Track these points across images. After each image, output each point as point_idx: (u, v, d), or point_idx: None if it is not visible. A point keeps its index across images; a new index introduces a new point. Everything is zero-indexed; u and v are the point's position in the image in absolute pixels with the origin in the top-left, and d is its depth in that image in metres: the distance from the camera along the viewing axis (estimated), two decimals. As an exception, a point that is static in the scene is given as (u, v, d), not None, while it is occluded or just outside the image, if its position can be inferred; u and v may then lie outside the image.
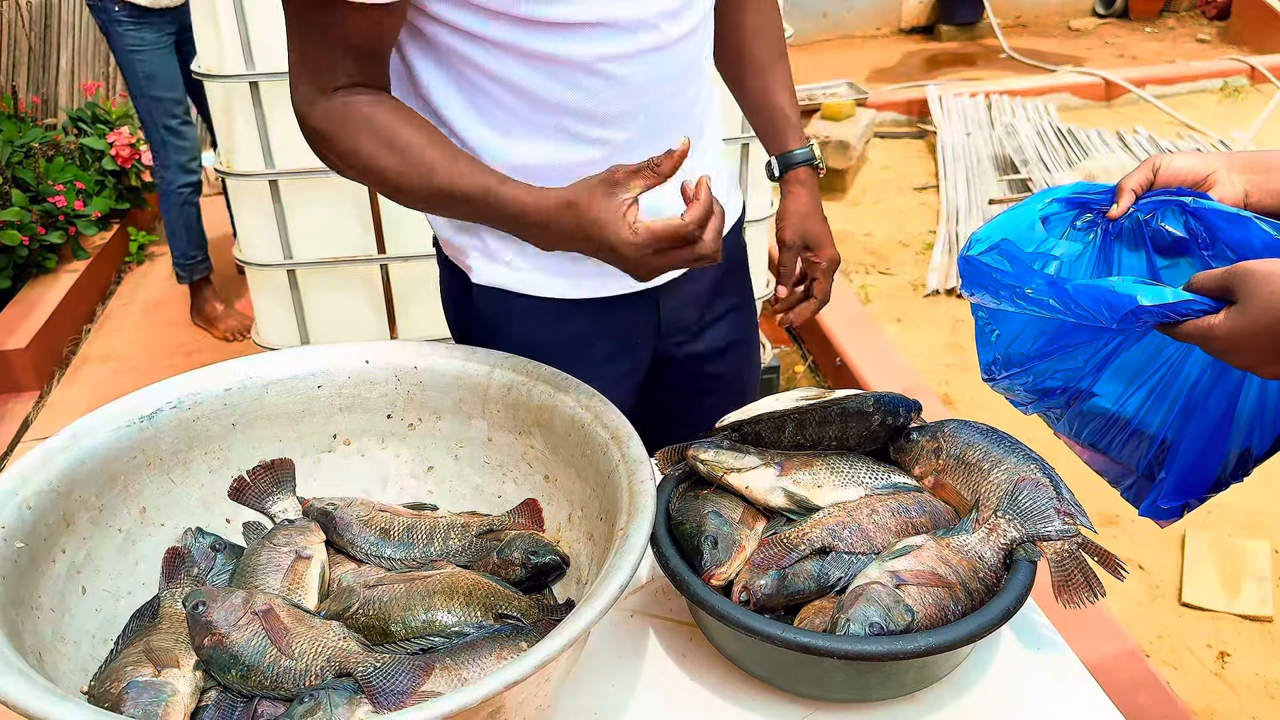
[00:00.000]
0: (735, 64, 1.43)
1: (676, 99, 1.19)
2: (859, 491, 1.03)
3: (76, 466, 0.98)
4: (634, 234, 0.95)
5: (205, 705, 0.88)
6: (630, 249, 0.96)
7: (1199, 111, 5.47)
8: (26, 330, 3.47)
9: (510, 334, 1.27)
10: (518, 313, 1.27)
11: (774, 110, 1.42)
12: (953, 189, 4.53)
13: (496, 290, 1.26)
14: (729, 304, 1.43)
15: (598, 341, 1.30)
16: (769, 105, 1.43)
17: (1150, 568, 2.45)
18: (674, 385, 1.44)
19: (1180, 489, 1.09)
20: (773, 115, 1.43)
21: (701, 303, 1.37)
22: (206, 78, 2.34)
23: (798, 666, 0.92)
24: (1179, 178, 1.02)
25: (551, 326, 1.27)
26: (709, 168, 1.30)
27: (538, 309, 1.26)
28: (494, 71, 1.09)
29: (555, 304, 1.26)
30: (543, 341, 1.25)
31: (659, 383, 1.42)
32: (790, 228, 1.42)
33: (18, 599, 0.86)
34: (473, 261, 1.25)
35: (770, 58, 1.43)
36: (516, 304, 1.26)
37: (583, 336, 1.29)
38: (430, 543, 1.06)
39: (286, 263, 2.51)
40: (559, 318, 1.27)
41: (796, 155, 1.42)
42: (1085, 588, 0.95)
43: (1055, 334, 1.11)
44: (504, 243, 1.22)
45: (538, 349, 1.23)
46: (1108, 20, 7.71)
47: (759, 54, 1.42)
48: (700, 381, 1.45)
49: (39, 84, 5.22)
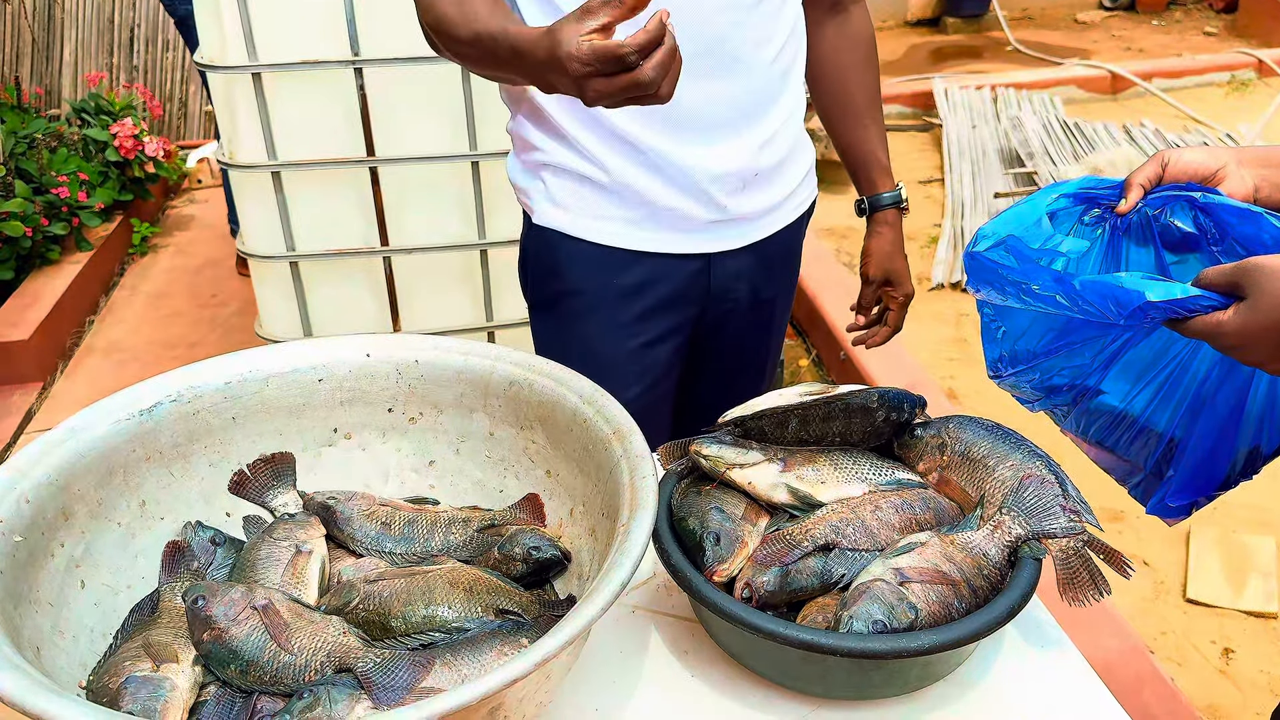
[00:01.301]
0: (832, 105, 1.52)
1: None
2: (862, 488, 1.02)
3: (75, 460, 0.97)
4: (578, 48, 0.93)
5: (204, 700, 0.88)
6: (573, 62, 0.93)
7: (1206, 105, 5.45)
8: (30, 321, 3.47)
9: (563, 276, 1.35)
10: (572, 257, 1.33)
11: (868, 156, 1.52)
12: (958, 182, 4.52)
13: (554, 232, 1.32)
14: (776, 289, 1.48)
15: (646, 293, 1.35)
16: (864, 151, 1.52)
17: (1155, 564, 2.44)
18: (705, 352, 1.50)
19: (1189, 487, 1.08)
20: (866, 160, 1.52)
21: (752, 280, 1.42)
22: (208, 69, 2.33)
23: (800, 664, 0.91)
24: (1188, 172, 1.02)
25: (603, 273, 1.33)
26: (789, 132, 1.38)
27: (592, 255, 1.32)
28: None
29: (609, 251, 1.32)
30: (594, 287, 1.34)
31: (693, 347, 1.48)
32: (875, 265, 1.54)
33: (16, 593, 0.86)
34: (534, 203, 1.33)
35: (867, 102, 1.51)
36: (574, 248, 1.32)
37: (632, 287, 1.34)
38: (431, 537, 1.06)
39: (289, 255, 2.50)
40: (611, 266, 1.33)
41: (885, 199, 1.53)
42: (1090, 585, 0.94)
43: (1062, 330, 1.10)
44: (565, 187, 1.30)
45: (589, 293, 1.33)
46: (1114, 13, 7.68)
47: (859, 99, 1.50)
48: (730, 353, 1.51)
49: (43, 75, 5.22)
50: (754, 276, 1.42)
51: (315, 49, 2.28)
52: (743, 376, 1.55)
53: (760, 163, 1.32)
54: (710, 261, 1.36)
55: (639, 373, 1.40)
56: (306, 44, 2.28)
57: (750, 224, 1.36)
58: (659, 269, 1.34)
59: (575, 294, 1.35)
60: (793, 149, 1.39)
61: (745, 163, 1.30)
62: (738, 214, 1.33)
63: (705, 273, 1.37)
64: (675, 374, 1.46)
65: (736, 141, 1.29)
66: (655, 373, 1.42)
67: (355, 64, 2.29)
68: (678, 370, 1.47)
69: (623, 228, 1.30)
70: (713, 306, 1.41)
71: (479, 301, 2.59)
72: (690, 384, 1.52)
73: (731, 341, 1.49)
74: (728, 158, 1.29)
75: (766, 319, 1.50)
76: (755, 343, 1.53)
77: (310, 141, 2.40)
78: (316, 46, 2.28)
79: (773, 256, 1.42)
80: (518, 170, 1.36)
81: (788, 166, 1.38)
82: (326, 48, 2.28)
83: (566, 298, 1.36)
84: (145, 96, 4.78)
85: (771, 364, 1.61)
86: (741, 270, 1.39)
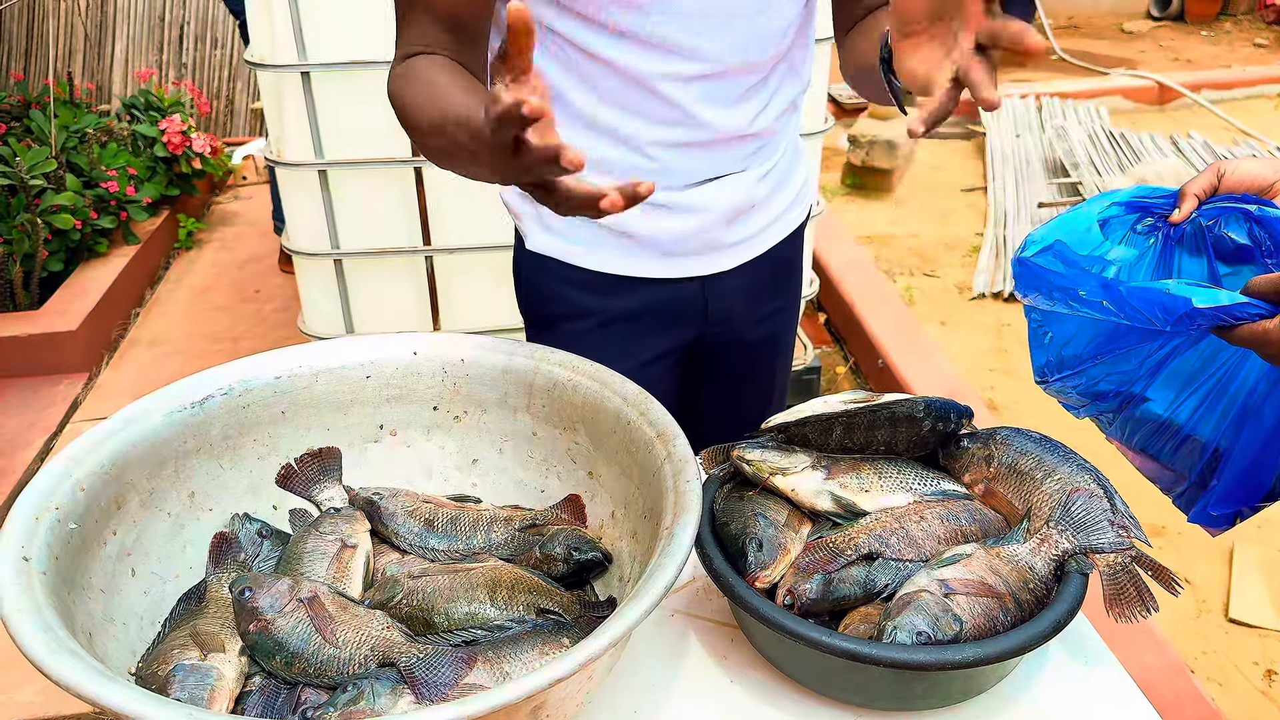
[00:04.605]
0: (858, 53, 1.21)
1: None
2: (907, 498, 1.02)
3: (128, 449, 0.99)
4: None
5: (249, 690, 0.89)
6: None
7: (1256, 117, 5.36)
8: (77, 312, 3.53)
9: (557, 300, 1.32)
10: (565, 281, 1.30)
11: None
12: (1001, 191, 4.48)
13: (547, 258, 1.30)
14: (777, 305, 1.44)
15: (642, 317, 1.33)
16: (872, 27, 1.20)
17: (1197, 581, 2.40)
18: (707, 373, 1.46)
19: (1232, 496, 1.07)
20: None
21: (750, 297, 1.38)
22: (258, 67, 2.36)
23: (841, 673, 0.91)
24: (1244, 184, 1.00)
25: (598, 298, 1.31)
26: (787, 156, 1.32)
27: (586, 280, 1.30)
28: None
29: (602, 277, 1.29)
30: (586, 311, 1.31)
31: (693, 367, 1.44)
32: None
33: (70, 580, 0.87)
34: (526, 228, 1.31)
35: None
36: (567, 273, 1.30)
37: (627, 311, 1.32)
38: (473, 535, 1.06)
39: (333, 252, 2.53)
40: (605, 291, 1.30)
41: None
42: (1138, 601, 0.93)
43: (1109, 337, 1.09)
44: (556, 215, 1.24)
45: (584, 317, 1.29)
46: (1162, 23, 7.58)
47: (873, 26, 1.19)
48: (734, 373, 1.47)
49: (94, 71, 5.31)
50: (750, 293, 1.38)
51: (364, 49, 2.31)
52: (749, 393, 1.50)
53: (757, 194, 1.29)
54: (705, 284, 1.33)
55: None
56: (355, 44, 2.30)
57: (742, 246, 1.33)
58: (654, 293, 1.31)
59: (570, 317, 1.32)
60: (789, 169, 1.34)
61: (744, 196, 1.27)
62: (729, 241, 1.30)
63: (700, 295, 1.34)
64: (673, 394, 1.42)
65: (744, 176, 1.26)
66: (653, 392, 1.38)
67: (402, 64, 2.31)
68: (676, 390, 1.43)
69: (615, 255, 1.28)
70: (711, 328, 1.38)
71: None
72: (694, 404, 1.47)
73: (734, 359, 1.45)
74: (731, 193, 1.26)
75: (769, 333, 1.45)
76: (760, 359, 1.48)
77: (356, 141, 2.42)
78: (365, 46, 2.31)
79: (769, 271, 1.38)
80: (509, 192, 1.32)
81: (783, 188, 1.34)
82: (374, 47, 2.30)
83: (561, 320, 1.34)
84: (193, 93, 4.86)
85: (781, 379, 1.54)
86: (738, 288, 1.36)
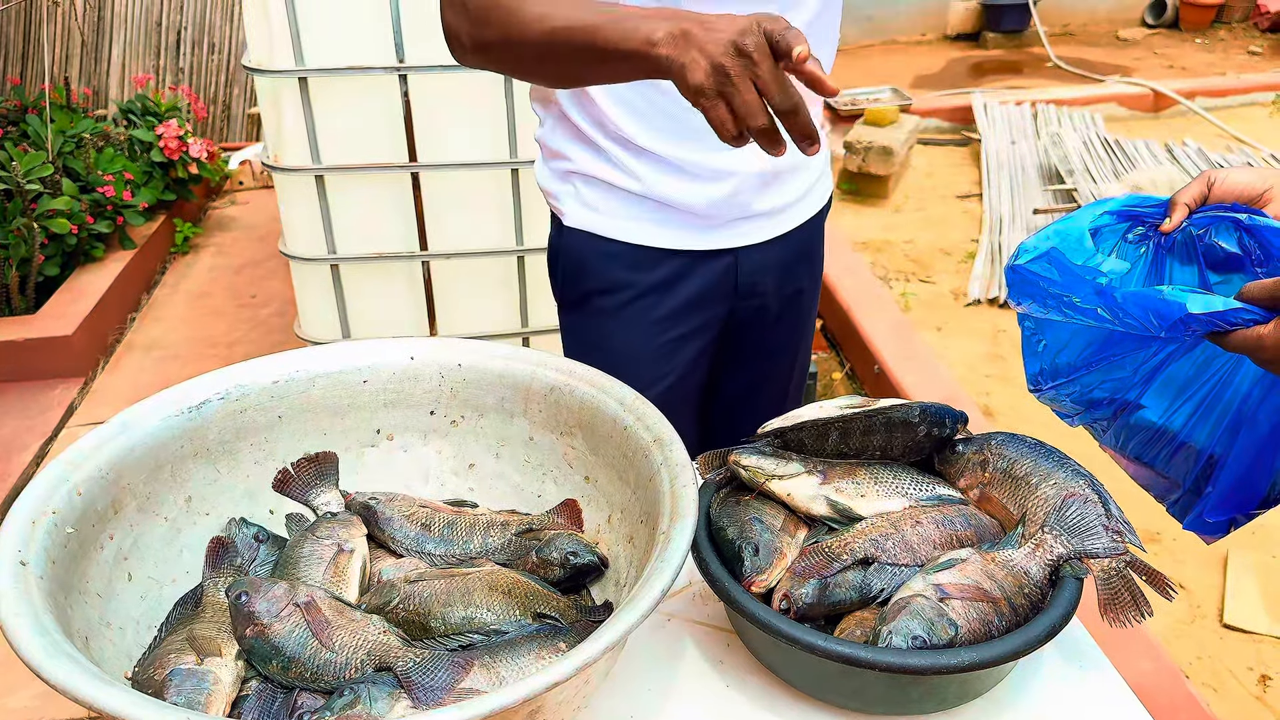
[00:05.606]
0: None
1: None
2: (903, 502, 1.02)
3: (125, 454, 0.99)
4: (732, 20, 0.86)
5: (246, 695, 0.89)
6: (724, 21, 0.86)
7: (1250, 125, 5.39)
8: (73, 317, 3.53)
9: (594, 274, 1.38)
10: (603, 256, 1.37)
11: None
12: (996, 198, 4.49)
13: (585, 233, 1.36)
14: (803, 281, 1.50)
15: (676, 290, 1.39)
16: None
17: (1191, 587, 2.41)
18: (738, 350, 1.52)
19: (1227, 503, 1.07)
20: None
21: (778, 273, 1.44)
22: (256, 72, 2.36)
23: (837, 677, 0.91)
24: (1234, 193, 1.01)
25: (634, 271, 1.37)
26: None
27: (623, 253, 1.36)
28: None
29: (639, 249, 1.35)
30: (624, 284, 1.37)
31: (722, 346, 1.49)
32: None
33: (67, 584, 0.88)
34: (565, 206, 1.37)
35: None
36: (604, 247, 1.36)
37: (662, 284, 1.38)
38: (470, 539, 1.06)
39: (330, 257, 2.53)
40: (641, 263, 1.36)
41: None
42: (1132, 606, 0.93)
43: (1103, 344, 1.10)
44: (594, 193, 1.33)
45: (619, 291, 1.37)
46: (1157, 30, 7.61)
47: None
48: (762, 351, 1.53)
49: (91, 76, 5.31)
50: (780, 270, 1.44)
51: (361, 55, 2.31)
52: (774, 372, 1.58)
53: (781, 161, 1.34)
54: (737, 256, 1.38)
55: (666, 369, 1.43)
56: (352, 50, 2.31)
57: (773, 218, 1.39)
58: (688, 266, 1.37)
59: (605, 292, 1.38)
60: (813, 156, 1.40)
61: (768, 162, 1.33)
62: (760, 210, 1.37)
63: (733, 269, 1.39)
64: (701, 371, 1.49)
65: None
66: (681, 370, 1.44)
67: (399, 70, 2.32)
68: (704, 368, 1.49)
69: (652, 228, 1.34)
70: (741, 303, 1.44)
71: (514, 307, 2.61)
72: (720, 380, 1.54)
73: (762, 337, 1.51)
74: (753, 159, 1.31)
75: (796, 312, 1.52)
76: (786, 338, 1.55)
77: (353, 146, 2.43)
78: (362, 52, 2.31)
79: (796, 249, 1.45)
80: (547, 175, 1.39)
81: (807, 163, 1.41)
82: (372, 54, 2.31)
83: (596, 296, 1.40)
84: (190, 98, 4.85)
85: (803, 360, 1.62)
86: (768, 263, 1.42)
